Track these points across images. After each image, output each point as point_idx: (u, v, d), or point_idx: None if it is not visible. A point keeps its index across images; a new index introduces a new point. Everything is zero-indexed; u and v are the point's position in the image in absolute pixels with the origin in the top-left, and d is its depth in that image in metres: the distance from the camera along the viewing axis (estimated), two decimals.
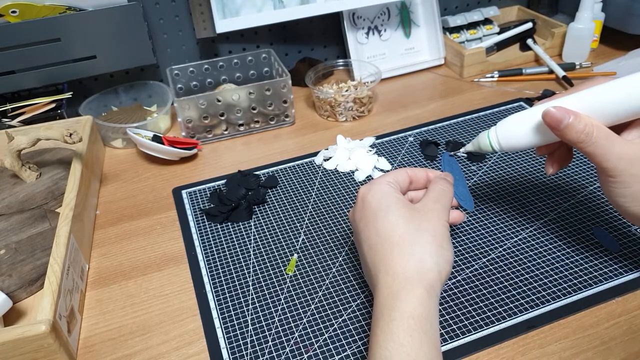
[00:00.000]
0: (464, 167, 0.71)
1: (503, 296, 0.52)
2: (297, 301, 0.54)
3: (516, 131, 0.49)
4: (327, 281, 0.56)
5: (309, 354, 0.49)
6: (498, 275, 0.55)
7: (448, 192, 0.48)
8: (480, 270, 0.55)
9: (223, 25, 0.85)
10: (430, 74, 0.96)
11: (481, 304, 0.52)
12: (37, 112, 0.80)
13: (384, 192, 0.46)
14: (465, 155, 0.73)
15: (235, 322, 0.52)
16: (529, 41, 0.98)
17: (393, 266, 0.42)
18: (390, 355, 0.38)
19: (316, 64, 0.90)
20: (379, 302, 0.42)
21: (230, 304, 0.55)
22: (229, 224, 0.65)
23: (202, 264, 0.60)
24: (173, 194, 0.72)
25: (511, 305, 0.51)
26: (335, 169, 0.73)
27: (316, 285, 0.56)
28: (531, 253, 0.57)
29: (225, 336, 0.51)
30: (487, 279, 0.54)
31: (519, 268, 0.55)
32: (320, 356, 0.48)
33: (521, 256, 0.57)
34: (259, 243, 0.62)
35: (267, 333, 0.51)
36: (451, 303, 0.52)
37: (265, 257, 0.60)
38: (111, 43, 0.81)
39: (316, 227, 0.63)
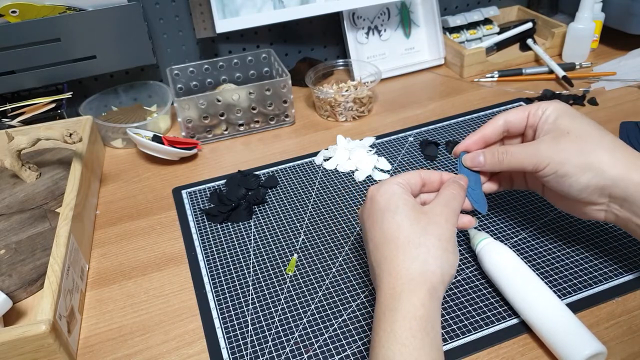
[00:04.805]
0: None
1: (503, 296, 0.52)
2: (297, 301, 0.54)
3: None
4: (327, 281, 0.56)
5: (309, 354, 0.49)
6: None
7: (459, 196, 0.47)
8: (481, 270, 0.55)
9: (223, 25, 0.85)
10: (430, 74, 0.96)
11: (481, 304, 0.52)
12: (37, 112, 0.80)
13: (393, 192, 0.46)
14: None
15: (235, 322, 0.52)
16: (529, 41, 0.98)
17: (396, 267, 0.42)
18: (393, 355, 0.38)
19: (316, 64, 0.90)
20: (381, 302, 0.42)
21: (230, 304, 0.55)
22: (229, 224, 0.65)
23: (202, 264, 0.60)
24: (173, 194, 0.72)
25: (511, 305, 0.51)
26: (335, 169, 0.73)
27: (316, 285, 0.56)
28: (531, 253, 0.57)
29: (225, 336, 0.51)
30: (488, 278, 0.54)
31: None
32: (320, 356, 0.48)
33: (521, 256, 0.57)
34: (259, 243, 0.62)
35: (267, 333, 0.51)
36: (451, 303, 0.52)
37: (265, 257, 0.60)
38: (111, 43, 0.80)
39: (316, 227, 0.63)
